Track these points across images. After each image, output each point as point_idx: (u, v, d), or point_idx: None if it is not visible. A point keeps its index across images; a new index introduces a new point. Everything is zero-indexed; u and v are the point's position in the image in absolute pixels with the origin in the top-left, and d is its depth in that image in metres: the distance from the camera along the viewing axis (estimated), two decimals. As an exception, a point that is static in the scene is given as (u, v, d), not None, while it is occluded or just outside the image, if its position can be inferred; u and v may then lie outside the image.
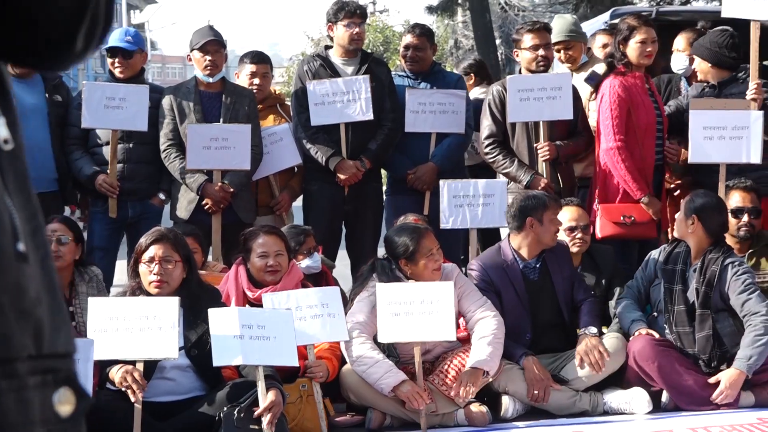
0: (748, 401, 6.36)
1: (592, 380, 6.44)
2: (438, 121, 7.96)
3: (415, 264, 6.34)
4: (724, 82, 7.61)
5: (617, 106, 7.33)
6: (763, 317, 6.33)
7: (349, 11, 7.96)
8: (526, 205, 6.71)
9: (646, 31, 7.42)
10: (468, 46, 37.87)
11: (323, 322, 6.06)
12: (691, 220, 6.60)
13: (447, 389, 6.21)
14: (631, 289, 6.85)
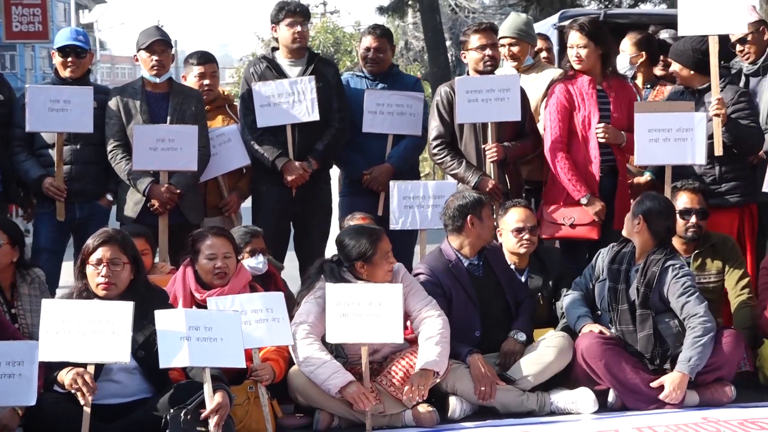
0: (692, 401, 6.42)
1: (539, 380, 6.48)
2: (395, 122, 7.98)
3: (372, 266, 6.37)
4: (704, 89, 7.64)
5: (557, 110, 7.40)
6: (701, 319, 6.40)
7: (290, 10, 7.95)
8: (465, 204, 6.75)
9: (571, 36, 7.55)
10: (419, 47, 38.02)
11: (268, 327, 6.06)
12: (638, 220, 6.66)
13: (395, 390, 6.23)
14: (578, 285, 6.90)
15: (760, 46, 8.03)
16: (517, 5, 22.20)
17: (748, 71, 8.09)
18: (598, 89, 7.52)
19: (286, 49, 7.99)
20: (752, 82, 8.08)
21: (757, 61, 8.04)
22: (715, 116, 7.35)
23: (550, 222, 7.46)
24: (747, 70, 8.11)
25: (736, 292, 7.10)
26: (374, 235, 6.43)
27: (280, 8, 7.95)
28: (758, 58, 8.05)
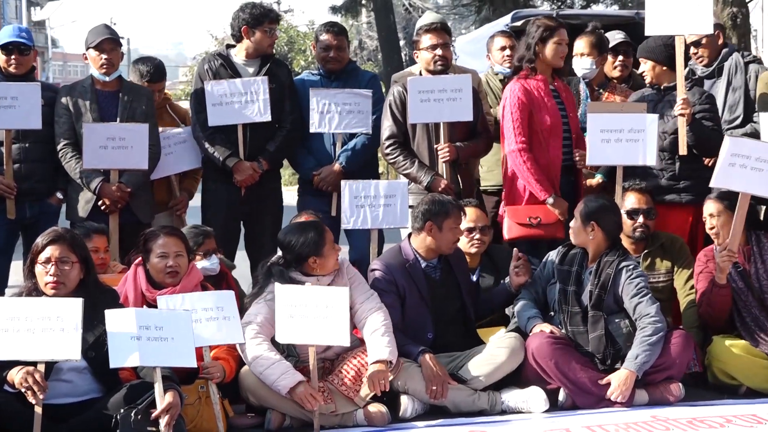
0: (642, 400, 6.47)
1: (490, 379, 6.50)
2: (344, 121, 7.97)
3: (323, 258, 6.40)
4: (671, 87, 7.71)
5: (518, 109, 7.38)
6: (652, 319, 6.47)
7: (273, 18, 7.99)
8: (430, 209, 6.74)
9: (561, 33, 7.52)
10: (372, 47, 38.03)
11: (218, 325, 6.04)
12: (591, 227, 6.69)
13: (346, 389, 6.23)
14: (528, 290, 6.93)
15: (714, 49, 8.14)
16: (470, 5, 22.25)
17: (703, 73, 8.19)
18: (551, 89, 7.55)
19: (255, 51, 7.96)
20: (706, 85, 8.18)
21: (711, 64, 8.13)
22: (681, 115, 7.43)
23: (515, 222, 7.45)
24: (701, 72, 8.20)
25: (685, 292, 7.17)
26: (317, 227, 6.49)
27: (263, 14, 7.92)
28: (712, 61, 8.15)
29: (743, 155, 6.78)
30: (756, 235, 7.03)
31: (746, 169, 6.76)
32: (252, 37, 7.91)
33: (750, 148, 6.83)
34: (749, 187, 6.77)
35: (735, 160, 6.77)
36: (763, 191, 6.78)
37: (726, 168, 6.79)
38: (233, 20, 8.01)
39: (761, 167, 6.76)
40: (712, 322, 6.87)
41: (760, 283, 6.92)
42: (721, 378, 6.74)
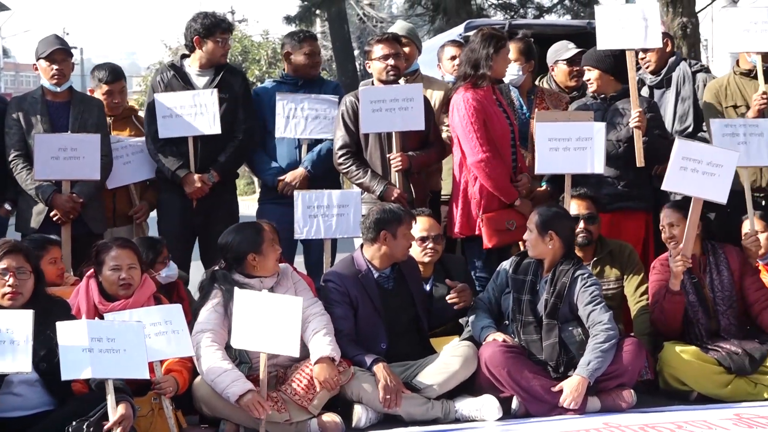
0: (594, 407, 6.51)
1: (444, 388, 6.51)
2: (310, 126, 7.98)
3: (262, 256, 6.44)
4: (616, 96, 7.80)
5: (476, 119, 7.38)
6: (605, 326, 6.52)
7: (225, 28, 7.98)
8: (382, 218, 6.76)
9: (507, 45, 7.58)
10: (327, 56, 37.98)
11: (168, 339, 6.02)
12: (549, 236, 6.73)
13: (299, 398, 6.23)
14: (482, 300, 6.96)
15: (662, 56, 8.22)
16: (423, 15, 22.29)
17: (652, 83, 8.27)
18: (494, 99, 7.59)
19: (209, 62, 7.94)
20: (656, 94, 8.26)
21: (660, 72, 8.22)
22: (636, 128, 7.51)
23: (495, 230, 7.43)
24: (650, 81, 8.30)
25: (636, 299, 7.23)
26: (255, 225, 6.55)
27: (215, 24, 7.91)
28: (659, 68, 8.23)
29: (694, 159, 6.84)
30: (712, 245, 7.10)
31: (698, 173, 6.83)
32: (204, 47, 7.89)
33: (701, 152, 6.90)
34: (701, 191, 6.83)
35: (686, 164, 6.83)
36: (714, 196, 6.85)
37: (677, 171, 6.85)
38: (186, 30, 7.99)
39: (713, 172, 6.83)
40: (664, 330, 6.92)
41: (714, 294, 6.99)
42: (672, 384, 6.79)
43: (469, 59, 7.55)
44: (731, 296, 7.01)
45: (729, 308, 7.01)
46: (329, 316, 6.53)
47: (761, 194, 7.83)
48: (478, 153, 7.36)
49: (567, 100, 8.39)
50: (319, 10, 24.10)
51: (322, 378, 6.23)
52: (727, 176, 6.83)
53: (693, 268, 6.99)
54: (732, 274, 7.04)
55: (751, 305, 7.03)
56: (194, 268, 7.98)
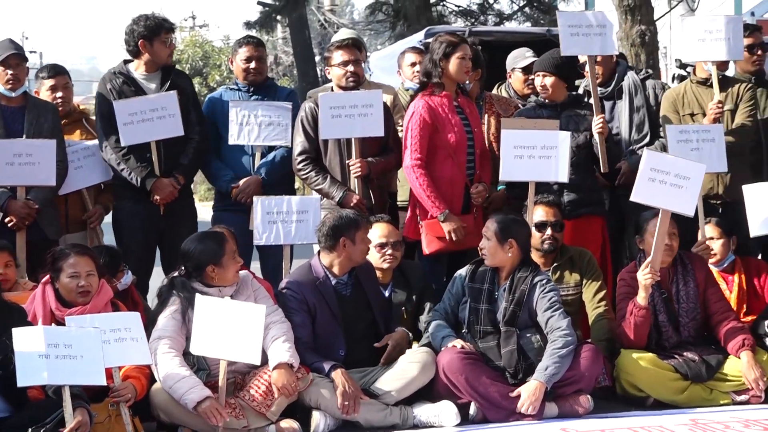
0: (551, 412, 6.53)
1: (402, 394, 6.52)
2: (263, 133, 7.96)
3: (222, 268, 6.42)
4: (566, 103, 7.87)
5: (418, 126, 7.42)
6: (563, 332, 6.55)
7: (169, 28, 7.94)
8: (339, 225, 6.75)
9: (464, 48, 7.55)
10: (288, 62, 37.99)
11: (126, 346, 6.00)
12: (509, 244, 6.75)
13: (257, 405, 6.22)
14: (438, 311, 6.97)
15: (608, 67, 8.27)
16: (384, 21, 22.31)
17: (602, 94, 8.32)
18: (455, 105, 7.62)
19: (155, 64, 7.90)
20: (607, 106, 8.31)
21: (607, 83, 8.27)
22: (599, 134, 7.60)
23: (433, 236, 7.46)
24: (600, 93, 8.34)
25: (594, 305, 7.26)
26: (218, 237, 6.53)
27: (159, 25, 7.86)
28: (607, 79, 8.28)
29: (662, 170, 6.87)
30: (680, 256, 7.14)
31: (666, 185, 6.86)
32: (150, 49, 7.84)
33: (668, 163, 6.93)
34: (669, 203, 6.85)
35: (654, 175, 6.86)
36: (682, 208, 6.88)
37: (645, 182, 6.88)
38: (127, 35, 7.89)
39: (681, 184, 6.86)
40: (629, 344, 6.91)
41: (679, 305, 7.04)
42: (628, 390, 6.83)
43: (424, 68, 7.62)
44: (695, 308, 7.05)
45: (691, 320, 7.05)
46: (289, 323, 6.53)
47: (718, 201, 7.89)
48: (408, 159, 7.42)
49: (515, 105, 8.46)
50: (279, 15, 24.06)
51: (281, 384, 6.22)
52: (694, 188, 6.87)
53: (662, 280, 7.04)
54: (697, 286, 7.08)
55: (710, 316, 7.07)
56: (155, 275, 7.95)
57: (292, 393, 6.27)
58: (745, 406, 6.73)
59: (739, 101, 7.94)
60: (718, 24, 7.88)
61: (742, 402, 6.76)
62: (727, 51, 7.84)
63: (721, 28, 7.85)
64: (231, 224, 7.48)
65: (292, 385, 6.24)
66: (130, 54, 7.96)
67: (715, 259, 7.56)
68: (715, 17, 8.05)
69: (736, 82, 8.09)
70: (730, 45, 7.83)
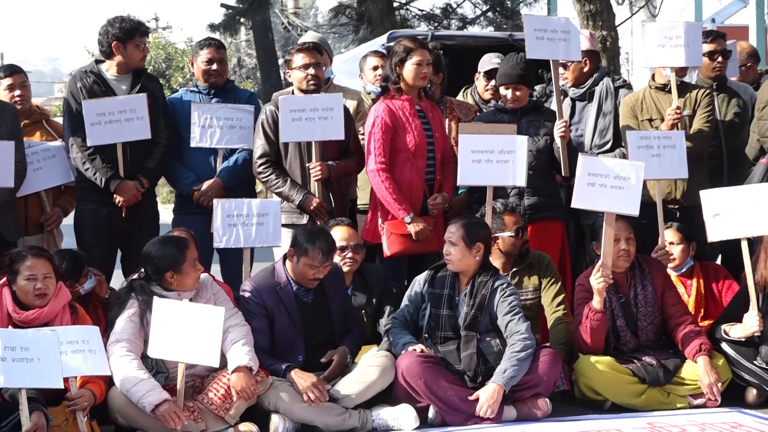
0: (510, 416, 6.55)
1: (362, 398, 6.53)
2: (225, 136, 7.95)
3: (181, 275, 6.40)
4: (526, 108, 7.92)
5: (380, 130, 7.45)
6: (522, 336, 6.58)
7: (144, 31, 7.93)
8: (296, 237, 6.77)
9: (421, 53, 7.55)
10: (251, 64, 37.94)
11: (84, 357, 5.96)
12: (477, 248, 6.77)
13: (216, 408, 6.21)
14: (398, 318, 6.97)
15: (579, 75, 8.33)
16: (347, 25, 22.31)
17: (575, 95, 8.39)
18: (417, 109, 7.63)
19: (127, 66, 7.88)
20: (578, 107, 8.38)
21: (583, 85, 8.33)
22: (561, 138, 7.66)
23: (395, 239, 7.47)
24: (573, 94, 8.41)
25: (552, 309, 7.30)
26: (181, 243, 6.50)
27: (134, 29, 7.84)
28: (577, 84, 8.34)
29: (601, 174, 6.92)
30: (638, 260, 7.18)
31: (606, 188, 6.90)
32: (124, 52, 7.82)
33: (606, 167, 6.98)
34: (611, 205, 6.91)
35: (593, 180, 6.91)
36: (625, 209, 6.93)
37: (585, 188, 6.92)
38: (102, 36, 7.87)
39: (621, 185, 6.91)
40: (587, 349, 6.94)
41: (637, 310, 7.08)
42: (587, 393, 6.86)
43: (384, 72, 7.69)
44: (653, 312, 7.09)
45: (649, 324, 7.09)
46: (249, 327, 6.52)
47: (676, 206, 7.95)
48: (372, 163, 7.44)
49: (476, 110, 8.50)
50: (243, 18, 23.99)
51: (239, 387, 6.21)
52: (635, 188, 6.92)
53: (620, 285, 7.08)
54: (655, 290, 7.13)
55: (667, 319, 7.11)
56: (116, 277, 7.92)
57: (251, 396, 6.26)
58: (701, 409, 6.78)
59: (697, 107, 8.00)
60: (678, 30, 7.93)
61: (698, 406, 6.82)
62: (686, 57, 7.89)
63: (681, 34, 7.90)
64: (191, 227, 7.48)
65: (251, 388, 6.24)
66: (102, 55, 7.95)
67: (674, 264, 7.63)
68: (675, 23, 8.10)
69: (695, 87, 8.16)
70: (689, 51, 7.88)
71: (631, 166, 7.03)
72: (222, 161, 8.02)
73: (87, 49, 42.21)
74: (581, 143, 8.31)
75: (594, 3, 12.37)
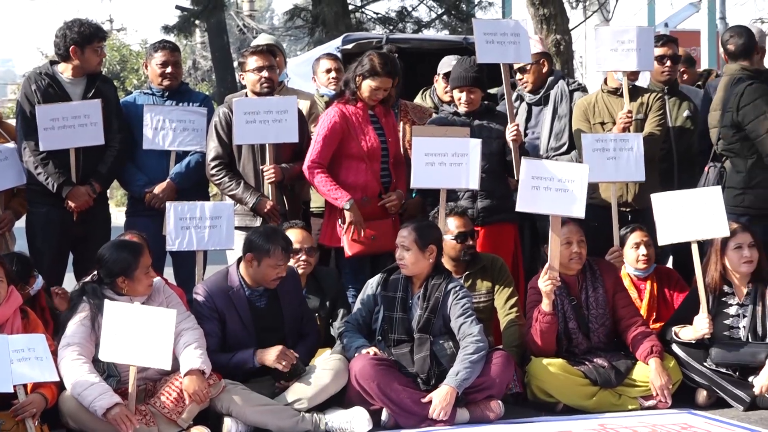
0: (463, 418, 6.56)
1: (314, 401, 6.52)
2: (178, 138, 7.93)
3: (132, 281, 6.36)
4: (479, 111, 7.95)
5: (327, 131, 7.46)
6: (475, 338, 6.60)
7: (102, 36, 7.91)
8: (253, 240, 6.74)
9: (383, 81, 7.54)
10: (206, 67, 37.81)
11: (31, 365, 5.92)
12: (430, 251, 6.80)
13: (168, 412, 6.19)
14: (351, 322, 6.97)
15: (539, 77, 8.39)
16: (303, 27, 22.30)
17: (531, 100, 8.43)
18: (370, 114, 7.64)
19: (83, 70, 7.83)
20: (534, 111, 8.42)
21: (539, 91, 8.38)
22: (514, 141, 7.70)
23: (354, 240, 7.47)
24: (529, 99, 8.46)
25: (505, 311, 7.33)
26: (135, 249, 6.45)
27: (92, 33, 7.80)
28: (537, 87, 8.40)
29: (545, 177, 6.96)
30: (589, 263, 7.22)
31: (550, 191, 6.94)
32: (81, 56, 7.78)
33: (550, 170, 7.01)
34: (556, 208, 6.94)
35: (538, 183, 6.94)
36: (571, 211, 6.96)
37: (529, 191, 6.96)
38: (59, 39, 7.82)
39: (566, 187, 6.94)
40: (538, 351, 6.97)
41: (589, 312, 7.12)
42: (539, 396, 6.88)
43: (345, 76, 7.70)
44: (604, 314, 7.14)
45: (601, 326, 7.13)
46: (201, 331, 6.51)
47: (627, 209, 8.01)
48: (310, 161, 7.46)
49: (430, 113, 8.52)
50: (198, 20, 23.91)
51: (192, 390, 6.19)
52: (580, 190, 6.95)
53: (572, 287, 7.12)
54: (606, 292, 7.17)
55: (618, 321, 7.16)
56: (67, 280, 7.87)
57: (203, 399, 6.24)
58: (652, 411, 6.83)
59: (648, 111, 8.07)
60: (630, 34, 7.98)
61: (649, 407, 6.86)
62: (637, 61, 7.95)
63: (633, 38, 7.95)
64: (144, 229, 7.44)
65: (203, 391, 6.22)
66: (59, 57, 7.91)
67: (646, 265, 7.66)
68: (627, 28, 8.15)
69: (646, 91, 8.23)
70: (641, 55, 7.93)
71: (576, 168, 7.07)
72: (175, 163, 7.99)
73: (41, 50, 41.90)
74: (537, 146, 8.36)
75: (548, 7, 12.43)
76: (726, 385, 6.86)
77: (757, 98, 7.63)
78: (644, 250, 7.59)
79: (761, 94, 7.64)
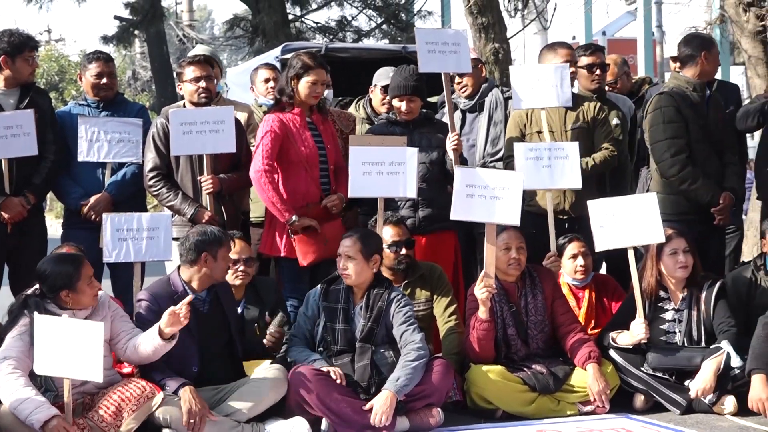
0: (403, 426, 6.57)
1: (254, 412, 6.49)
2: (113, 149, 7.88)
3: (76, 293, 6.30)
4: (418, 120, 7.97)
5: (269, 138, 7.43)
6: (416, 345, 6.63)
7: (33, 46, 7.85)
8: (203, 240, 6.69)
9: (317, 73, 7.55)
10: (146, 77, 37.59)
11: None
12: (373, 260, 6.83)
13: (107, 426, 6.13)
14: (297, 336, 6.96)
15: (477, 81, 8.44)
16: (242, 37, 22.24)
17: (465, 107, 8.47)
18: (308, 121, 7.64)
19: (15, 81, 7.77)
20: (469, 118, 8.47)
21: (474, 96, 8.43)
22: (454, 150, 7.74)
23: (308, 248, 7.45)
24: (464, 105, 8.50)
25: (444, 319, 7.35)
26: (76, 261, 6.40)
27: (23, 43, 7.75)
28: (474, 92, 8.44)
29: (479, 185, 7.00)
30: (528, 269, 7.26)
31: (485, 198, 6.98)
32: (12, 66, 7.72)
33: (484, 178, 7.06)
34: (490, 216, 6.99)
35: (472, 191, 6.99)
36: (505, 219, 7.00)
37: (463, 199, 7.01)
38: None
39: (500, 195, 6.99)
40: (476, 358, 7.00)
41: (528, 318, 7.16)
42: (478, 403, 6.91)
43: (279, 84, 7.70)
44: (543, 320, 7.18)
45: (540, 333, 7.18)
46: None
47: (564, 217, 8.06)
48: (258, 163, 7.43)
49: (354, 120, 8.55)
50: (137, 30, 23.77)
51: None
52: (515, 198, 7.00)
53: (511, 294, 7.15)
54: (545, 299, 7.22)
55: (557, 327, 7.21)
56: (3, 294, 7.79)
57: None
58: (590, 416, 6.88)
59: (591, 120, 8.11)
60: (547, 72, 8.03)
61: (588, 412, 6.92)
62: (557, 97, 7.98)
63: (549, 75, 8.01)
64: (81, 241, 7.39)
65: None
66: None
67: (584, 275, 7.72)
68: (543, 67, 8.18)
69: (585, 99, 8.27)
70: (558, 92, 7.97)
71: (510, 176, 7.12)
72: (111, 175, 7.94)
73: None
74: (473, 153, 8.40)
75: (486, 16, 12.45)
76: (663, 389, 6.94)
77: (656, 109, 7.78)
78: (582, 261, 7.66)
79: (662, 105, 7.77)
